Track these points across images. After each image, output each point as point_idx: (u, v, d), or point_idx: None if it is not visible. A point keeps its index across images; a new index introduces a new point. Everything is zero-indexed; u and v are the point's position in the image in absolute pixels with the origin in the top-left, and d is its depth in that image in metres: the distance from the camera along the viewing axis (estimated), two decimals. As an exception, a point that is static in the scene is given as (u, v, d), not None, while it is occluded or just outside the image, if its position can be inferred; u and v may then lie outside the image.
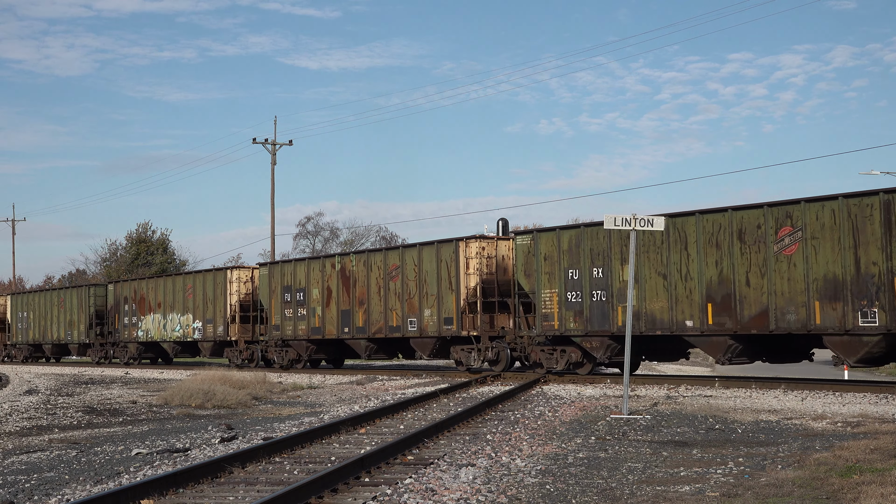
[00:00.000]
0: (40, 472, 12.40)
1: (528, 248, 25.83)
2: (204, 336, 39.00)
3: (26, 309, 52.89)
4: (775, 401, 18.94)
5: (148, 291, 42.79)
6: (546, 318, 25.24)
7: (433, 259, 28.62)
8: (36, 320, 51.76)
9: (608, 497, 9.82)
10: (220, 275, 38.62)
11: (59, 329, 49.30)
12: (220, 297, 38.19)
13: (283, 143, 57.25)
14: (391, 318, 30.04)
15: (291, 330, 33.99)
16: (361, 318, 31.11)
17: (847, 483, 9.85)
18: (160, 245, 74.91)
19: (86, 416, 20.73)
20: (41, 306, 51.26)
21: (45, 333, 50.79)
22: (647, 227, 17.41)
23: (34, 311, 52.01)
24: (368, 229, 74.64)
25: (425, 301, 28.81)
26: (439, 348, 29.11)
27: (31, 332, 52.29)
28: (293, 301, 33.97)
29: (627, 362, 17.46)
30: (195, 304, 39.52)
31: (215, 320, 38.28)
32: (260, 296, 36.18)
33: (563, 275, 24.79)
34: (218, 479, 10.87)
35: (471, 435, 14.53)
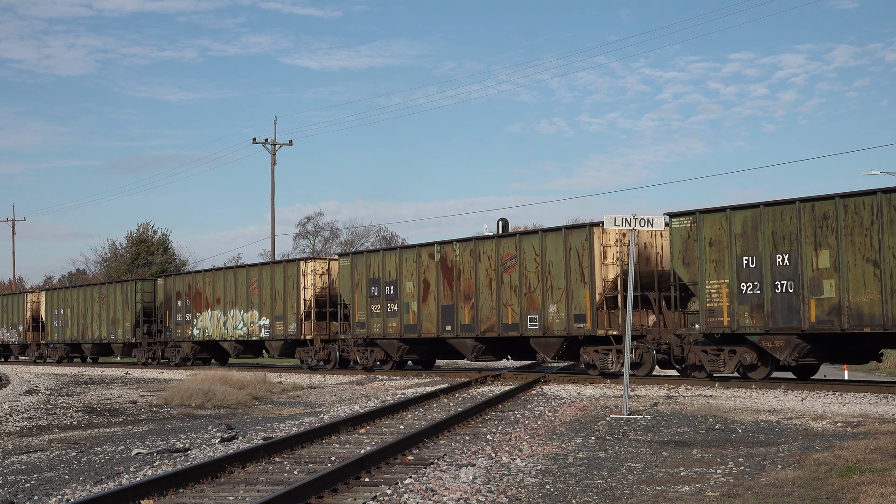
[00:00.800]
0: (40, 472, 12.40)
1: (687, 232, 22.63)
2: (272, 335, 35.65)
3: (63, 306, 49.24)
4: (775, 401, 18.95)
5: (205, 286, 39.32)
6: (711, 313, 22.01)
7: (559, 247, 25.22)
8: (74, 318, 48.30)
9: (608, 497, 9.83)
10: (292, 267, 35.02)
11: (101, 327, 45.96)
12: (292, 292, 34.76)
13: (283, 143, 57.31)
14: (505, 315, 26.77)
15: (379, 328, 30.81)
16: (468, 314, 27.86)
17: (847, 483, 9.85)
18: (160, 245, 74.90)
19: (86, 416, 20.73)
20: (80, 303, 47.75)
21: (85, 332, 47.35)
22: (647, 226, 17.42)
23: (72, 308, 48.47)
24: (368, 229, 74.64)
25: (549, 295, 25.52)
26: (566, 349, 25.88)
27: (69, 330, 48.73)
28: (382, 295, 30.72)
29: (627, 362, 17.45)
30: (262, 299, 36.13)
31: (286, 317, 34.97)
32: (340, 290, 32.80)
33: (736, 262, 21.62)
34: (218, 479, 10.87)
35: (471, 435, 14.54)
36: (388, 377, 29.72)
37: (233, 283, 37.75)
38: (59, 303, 49.72)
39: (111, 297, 45.33)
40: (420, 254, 29.55)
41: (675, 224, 22.88)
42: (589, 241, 24.63)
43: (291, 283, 34.77)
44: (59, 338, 49.67)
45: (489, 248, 27.39)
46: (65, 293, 49.67)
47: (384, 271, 30.68)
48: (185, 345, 40.74)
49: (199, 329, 39.66)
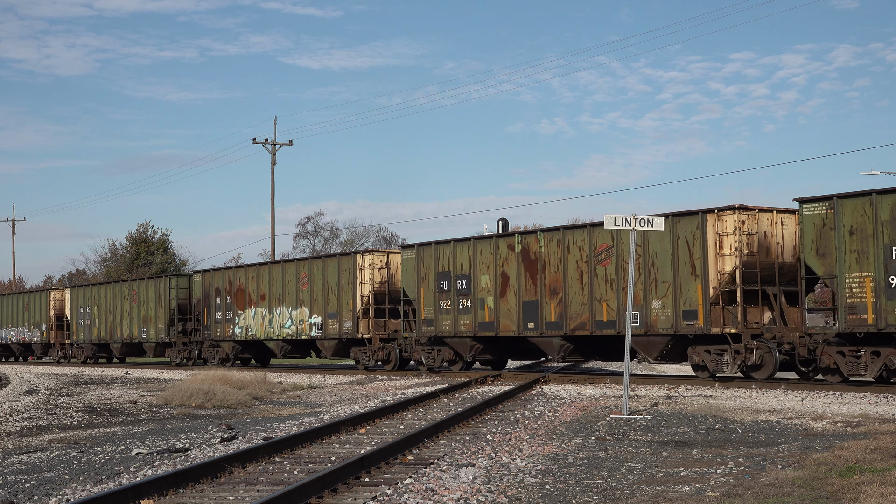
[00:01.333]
0: (40, 472, 12.40)
1: (822, 219, 20.50)
2: (325, 333, 33.15)
3: (90, 303, 46.64)
4: (775, 401, 18.95)
5: (247, 282, 36.79)
6: (852, 309, 19.96)
7: (665, 236, 23.00)
8: (102, 316, 45.69)
9: (608, 497, 9.83)
10: (348, 260, 32.57)
11: (132, 326, 43.43)
12: (348, 287, 32.25)
13: (283, 143, 57.31)
14: (599, 312, 24.53)
15: (450, 325, 28.35)
16: (554, 310, 25.53)
17: (847, 483, 9.86)
18: (160, 245, 74.91)
19: (86, 416, 20.73)
20: (109, 300, 45.19)
21: (114, 331, 44.81)
22: (647, 227, 17.42)
23: (99, 305, 45.90)
24: (368, 229, 74.61)
25: (653, 290, 23.35)
26: (671, 349, 23.53)
27: (96, 329, 46.18)
28: (452, 290, 28.22)
29: (627, 361, 17.46)
30: (312, 295, 33.53)
31: (340, 314, 32.46)
32: (403, 284, 30.26)
33: (883, 253, 19.61)
34: (218, 479, 10.87)
35: (471, 435, 14.54)
36: (388, 377, 29.71)
37: (279, 279, 35.22)
38: (85, 300, 47.24)
39: (143, 293, 42.88)
40: (498, 245, 27.21)
41: (807, 211, 20.83)
42: (701, 230, 22.56)
43: (347, 277, 32.44)
44: (85, 337, 47.33)
45: (580, 238, 25.11)
46: (91, 290, 47.15)
47: (455, 264, 28.33)
48: (225, 344, 38.18)
49: (241, 328, 37.15)
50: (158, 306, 41.90)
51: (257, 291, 36.39)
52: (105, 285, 46.60)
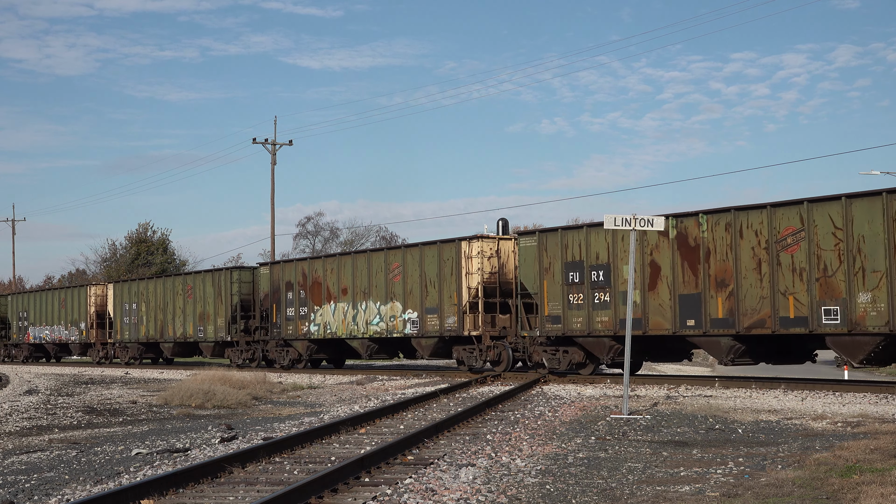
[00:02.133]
0: (40, 472, 12.40)
1: None
2: (423, 330, 29.43)
3: (137, 299, 43.33)
4: (775, 401, 18.95)
5: (325, 274, 33.21)
6: None
7: (876, 217, 19.36)
8: (151, 313, 42.21)
9: (608, 497, 9.83)
10: (451, 248, 28.77)
11: (186, 324, 39.97)
12: (450, 279, 28.55)
13: (283, 143, 57.35)
14: (784, 307, 20.88)
15: (582, 323, 24.73)
16: (722, 306, 22.09)
17: (847, 483, 9.86)
18: (160, 245, 74.94)
19: (86, 416, 20.74)
20: (159, 296, 41.80)
21: (165, 329, 41.32)
22: (647, 227, 17.41)
23: (148, 301, 42.52)
24: (368, 229, 74.67)
25: (859, 281, 19.64)
26: (882, 350, 19.78)
27: (144, 327, 42.75)
28: (586, 282, 24.64)
29: (627, 361, 17.46)
30: (406, 288, 29.89)
31: (442, 309, 28.67)
32: (520, 276, 26.60)
33: None
34: (218, 479, 10.87)
35: (471, 435, 14.54)
36: (388, 377, 29.69)
37: (365, 270, 31.53)
38: (131, 296, 43.80)
39: (199, 288, 39.37)
40: (644, 230, 24.49)
41: None
42: None
43: (450, 267, 28.60)
44: (131, 336, 43.82)
45: (756, 220, 21.51)
46: (139, 285, 43.59)
47: (589, 252, 24.61)
48: (298, 343, 34.67)
49: (317, 325, 33.48)
50: (218, 302, 38.31)
51: (338, 285, 32.70)
52: (155, 280, 43.06)
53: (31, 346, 52.69)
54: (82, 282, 63.71)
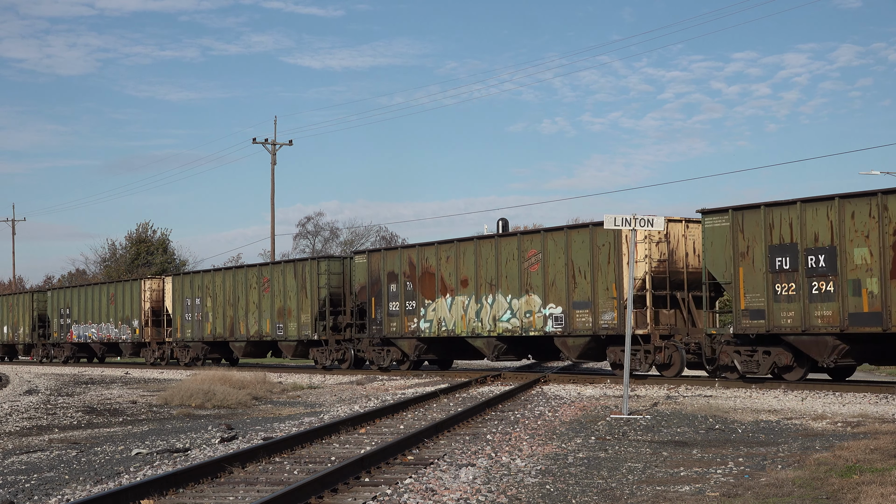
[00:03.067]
0: (40, 472, 12.40)
1: None
2: (569, 328, 25.05)
3: (201, 294, 39.01)
4: (775, 401, 18.95)
5: (440, 263, 28.94)
6: None
7: None
8: (219, 309, 37.89)
9: (608, 497, 9.83)
10: (604, 234, 24.32)
11: (262, 321, 35.62)
12: (606, 267, 24.24)
13: (283, 143, 57.36)
14: None
15: (794, 317, 20.86)
16: None
17: (847, 483, 9.86)
18: (160, 245, 74.95)
19: (86, 416, 20.74)
20: (228, 290, 37.45)
21: (236, 327, 36.98)
22: (647, 226, 17.41)
23: (214, 296, 38.20)
24: (368, 229, 74.63)
25: None
26: None
27: (210, 325, 38.44)
28: (800, 269, 20.74)
29: (627, 361, 17.46)
30: (547, 279, 25.63)
31: (595, 303, 24.56)
32: (706, 263, 22.62)
33: None
34: (218, 479, 10.88)
35: (471, 435, 14.54)
36: (388, 377, 29.69)
37: (492, 259, 27.27)
38: (194, 290, 39.45)
39: (278, 281, 35.07)
40: (886, 205, 19.62)
41: None
42: None
43: (605, 254, 24.35)
44: (194, 334, 39.39)
45: None
46: (203, 278, 39.21)
47: (804, 233, 20.76)
48: (404, 342, 30.40)
49: (429, 322, 29.26)
50: (301, 296, 33.98)
51: (455, 275, 28.48)
52: (224, 272, 38.34)
53: (74, 345, 48.46)
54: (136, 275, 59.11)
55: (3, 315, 54.86)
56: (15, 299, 54.23)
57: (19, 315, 53.23)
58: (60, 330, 48.89)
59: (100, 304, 45.90)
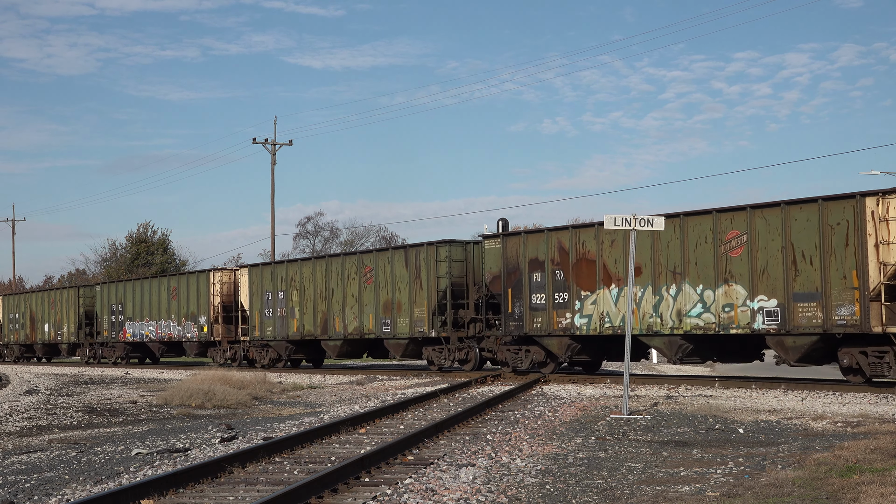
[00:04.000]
0: (40, 472, 12.41)
1: None
2: (789, 324, 21.17)
3: (286, 286, 34.65)
4: (775, 401, 18.95)
5: (602, 248, 24.70)
6: None
7: None
8: (308, 304, 33.60)
9: (608, 497, 9.83)
10: (842, 208, 20.29)
11: (363, 316, 31.46)
12: (842, 251, 20.18)
13: (283, 143, 57.37)
14: None
15: None
16: None
17: (847, 483, 9.86)
18: (160, 245, 74.96)
19: (86, 416, 20.74)
20: (319, 281, 33.21)
21: (329, 324, 32.61)
22: (647, 227, 17.41)
23: (302, 289, 33.84)
24: (368, 229, 74.65)
25: None
26: None
27: (296, 321, 34.06)
28: None
29: (627, 361, 17.46)
30: (754, 266, 21.64)
31: (827, 294, 20.44)
32: None
33: None
34: (218, 479, 10.88)
35: (471, 435, 14.54)
36: (388, 377, 29.67)
37: (676, 242, 23.13)
38: (277, 282, 35.07)
39: (384, 270, 30.78)
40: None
41: None
42: None
43: (841, 235, 20.29)
44: (276, 332, 34.98)
45: None
46: (288, 269, 34.79)
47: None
48: (551, 341, 25.98)
49: (586, 317, 25.04)
50: (415, 287, 29.61)
51: (622, 261, 24.14)
52: (315, 261, 34.08)
53: (127, 345, 44.17)
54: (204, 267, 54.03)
55: (44, 312, 50.52)
56: (58, 295, 49.77)
57: (63, 312, 48.82)
58: (111, 328, 44.74)
59: (159, 298, 41.51)
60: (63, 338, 48.88)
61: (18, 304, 53.53)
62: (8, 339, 54.46)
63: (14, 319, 53.87)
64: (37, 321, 51.30)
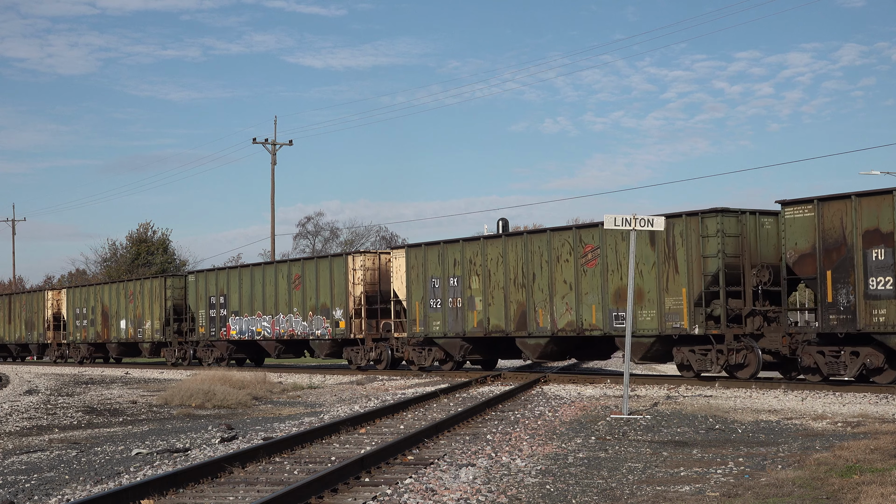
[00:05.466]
0: (40, 472, 12.41)
1: None
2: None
3: (461, 271, 27.86)
4: (775, 401, 18.95)
5: None
6: None
7: None
8: (495, 293, 26.87)
9: (608, 497, 9.83)
10: None
11: (581, 307, 24.78)
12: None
13: (283, 143, 57.40)
14: None
15: None
16: None
17: (847, 483, 9.86)
18: (160, 245, 74.96)
19: (86, 416, 20.74)
20: (513, 264, 26.52)
21: (526, 318, 26.07)
22: (647, 226, 17.40)
23: (485, 274, 27.11)
24: (369, 229, 74.59)
25: None
26: None
27: (477, 314, 27.46)
28: None
29: (627, 361, 17.45)
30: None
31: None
32: None
33: None
34: (218, 479, 10.88)
35: (471, 435, 14.54)
36: (388, 377, 29.67)
37: None
38: (447, 266, 28.28)
39: (613, 249, 24.15)
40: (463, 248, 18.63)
41: None
42: None
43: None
44: (446, 328, 28.24)
45: None
46: (465, 249, 27.81)
47: None
48: None
49: None
50: (666, 270, 23.10)
51: None
52: (506, 239, 26.97)
53: (231, 343, 37.54)
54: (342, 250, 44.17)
55: (120, 306, 43.97)
56: (137, 286, 42.93)
57: (144, 306, 42.19)
58: (211, 324, 38.09)
59: (276, 289, 34.67)
60: (145, 336, 42.10)
61: (87, 297, 46.38)
62: (74, 338, 47.31)
63: (81, 315, 46.75)
64: (110, 317, 44.45)
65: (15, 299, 52.98)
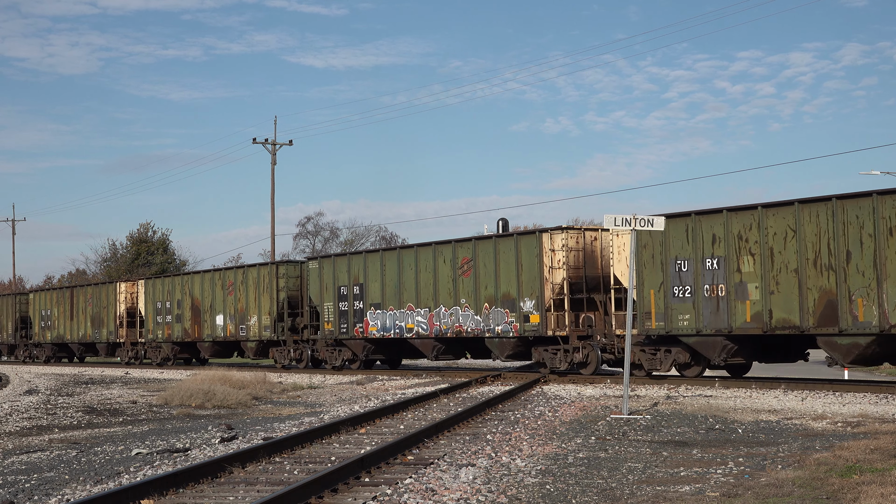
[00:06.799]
0: (40, 472, 12.41)
1: None
2: None
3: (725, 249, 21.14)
4: (775, 401, 18.95)
5: None
6: None
7: None
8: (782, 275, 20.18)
9: (608, 497, 9.83)
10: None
11: None
12: None
13: (283, 143, 57.37)
14: None
15: None
16: None
17: (847, 483, 9.86)
18: (160, 245, 74.95)
19: (86, 416, 20.74)
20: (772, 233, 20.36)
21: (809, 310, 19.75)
22: (647, 226, 17.39)
23: (766, 252, 20.44)
24: (368, 229, 74.55)
25: None
26: None
27: (751, 304, 20.74)
28: None
29: (627, 361, 17.45)
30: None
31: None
32: None
33: None
34: (218, 479, 10.88)
35: (471, 435, 14.54)
36: (388, 377, 29.67)
37: None
38: (700, 242, 21.70)
39: None
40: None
41: None
42: None
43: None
44: (702, 322, 21.60)
45: None
46: (731, 221, 21.09)
47: None
48: None
49: None
50: None
51: None
52: (738, 213, 21.11)
53: (370, 342, 31.05)
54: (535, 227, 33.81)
55: (215, 299, 37.42)
56: (239, 275, 36.48)
57: (248, 299, 35.69)
58: (341, 320, 31.49)
59: (435, 276, 28.34)
60: (250, 333, 35.55)
61: (171, 289, 39.89)
62: (154, 336, 40.87)
63: (164, 310, 40.21)
64: (202, 312, 37.95)
65: (78, 292, 46.02)
